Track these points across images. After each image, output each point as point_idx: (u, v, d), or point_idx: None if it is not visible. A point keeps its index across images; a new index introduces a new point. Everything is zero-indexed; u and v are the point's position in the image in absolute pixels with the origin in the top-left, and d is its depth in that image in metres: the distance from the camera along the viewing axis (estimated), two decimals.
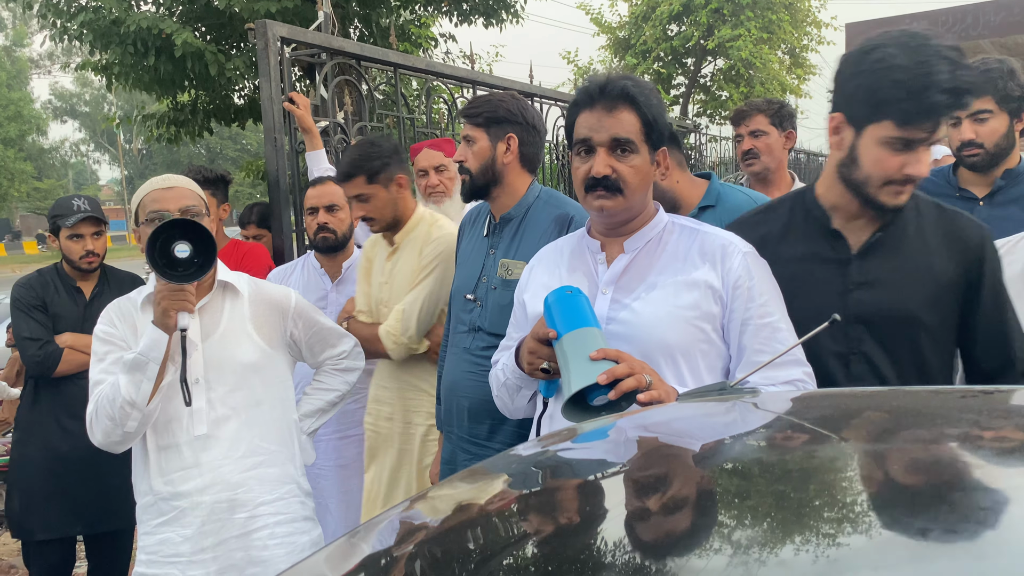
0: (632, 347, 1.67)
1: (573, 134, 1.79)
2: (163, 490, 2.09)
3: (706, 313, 1.69)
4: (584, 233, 1.91)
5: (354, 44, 3.98)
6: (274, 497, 2.18)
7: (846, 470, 0.88)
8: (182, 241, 1.92)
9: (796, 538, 0.70)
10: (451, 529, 0.93)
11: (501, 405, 2.02)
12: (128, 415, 2.00)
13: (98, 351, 2.12)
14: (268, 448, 2.19)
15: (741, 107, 3.48)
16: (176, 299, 1.98)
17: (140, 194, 2.15)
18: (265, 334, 2.24)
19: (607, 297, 1.76)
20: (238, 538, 2.12)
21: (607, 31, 19.09)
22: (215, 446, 2.11)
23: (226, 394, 2.13)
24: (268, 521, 2.16)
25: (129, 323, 2.13)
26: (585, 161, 1.75)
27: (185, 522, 2.08)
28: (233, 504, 2.12)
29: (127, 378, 1.99)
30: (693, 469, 0.96)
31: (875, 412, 1.10)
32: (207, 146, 43.44)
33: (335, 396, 2.51)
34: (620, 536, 0.79)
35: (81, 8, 6.70)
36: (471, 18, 8.49)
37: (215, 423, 2.11)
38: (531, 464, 1.11)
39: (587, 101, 1.74)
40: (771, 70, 17.33)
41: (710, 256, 1.73)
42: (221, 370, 2.12)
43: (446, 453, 2.51)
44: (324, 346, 2.45)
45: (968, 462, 0.87)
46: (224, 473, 2.11)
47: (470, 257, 2.50)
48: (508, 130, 2.38)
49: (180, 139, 8.09)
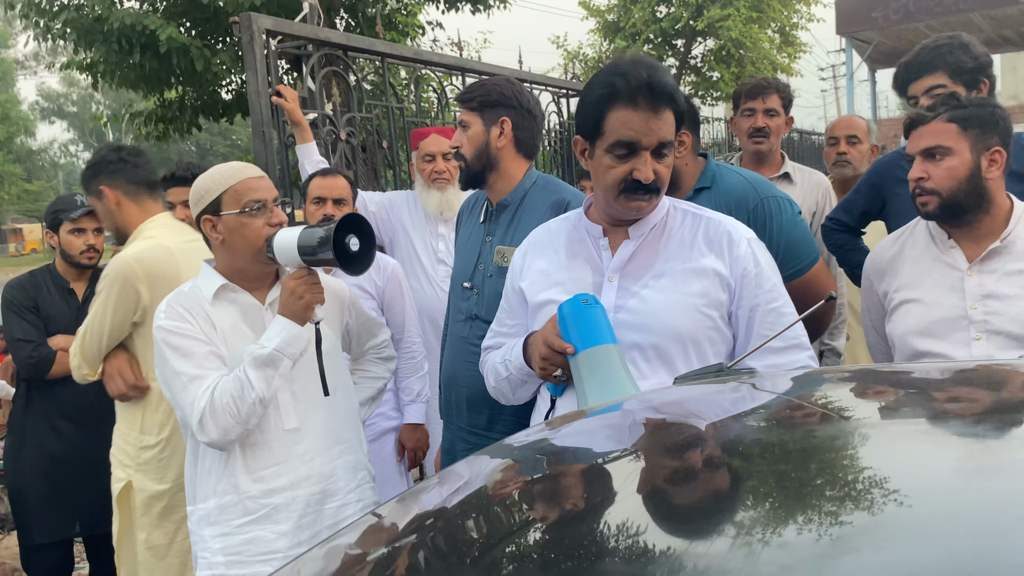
0: (642, 335, 1.68)
1: (604, 129, 1.67)
2: (251, 488, 2.03)
3: (715, 300, 1.70)
4: (580, 216, 1.88)
5: (340, 35, 3.95)
6: (356, 484, 2.19)
7: (845, 449, 0.87)
8: (353, 235, 1.94)
9: (795, 518, 0.70)
10: (456, 516, 0.92)
11: (499, 395, 2.01)
12: (255, 412, 1.95)
13: (180, 346, 1.99)
14: (346, 436, 2.20)
15: (760, 81, 3.39)
16: (317, 292, 1.99)
17: (225, 180, 2.03)
18: (332, 324, 2.24)
19: (614, 284, 1.75)
20: (330, 528, 2.11)
21: (596, 14, 19.00)
22: (304, 439, 2.09)
23: (308, 385, 2.10)
24: (355, 508, 2.17)
25: (203, 317, 2.04)
26: (623, 161, 1.66)
27: (279, 519, 2.04)
28: (325, 495, 2.11)
29: (258, 374, 1.94)
30: (692, 451, 0.95)
31: (873, 389, 1.10)
32: (197, 142, 43.22)
33: (382, 383, 2.53)
34: (622, 519, 0.78)
35: (63, 7, 6.66)
36: (458, 5, 8.45)
37: (303, 415, 2.09)
38: (533, 450, 1.10)
39: (629, 98, 1.63)
40: (762, 49, 17.27)
41: (716, 243, 1.73)
42: (300, 362, 2.08)
43: (446, 443, 2.51)
44: (369, 336, 2.47)
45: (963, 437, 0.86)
46: (316, 465, 2.09)
47: (467, 245, 2.48)
48: (502, 114, 2.35)
49: (169, 136, 8.05)
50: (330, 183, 3.11)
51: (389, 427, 3.27)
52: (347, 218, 1.95)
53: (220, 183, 2.04)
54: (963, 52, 2.56)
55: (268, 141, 3.49)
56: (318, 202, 3.11)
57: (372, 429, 3.22)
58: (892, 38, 16.95)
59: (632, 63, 1.65)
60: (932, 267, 2.08)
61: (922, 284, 2.08)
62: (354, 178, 3.97)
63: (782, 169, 3.39)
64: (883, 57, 19.01)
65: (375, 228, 3.64)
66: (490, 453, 1.13)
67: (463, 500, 0.96)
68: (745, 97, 3.35)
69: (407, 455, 3.29)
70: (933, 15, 15.04)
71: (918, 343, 2.03)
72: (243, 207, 2.01)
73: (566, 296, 1.77)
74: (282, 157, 3.66)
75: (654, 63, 1.66)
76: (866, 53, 17.65)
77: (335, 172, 3.19)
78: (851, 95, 18.39)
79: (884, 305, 2.21)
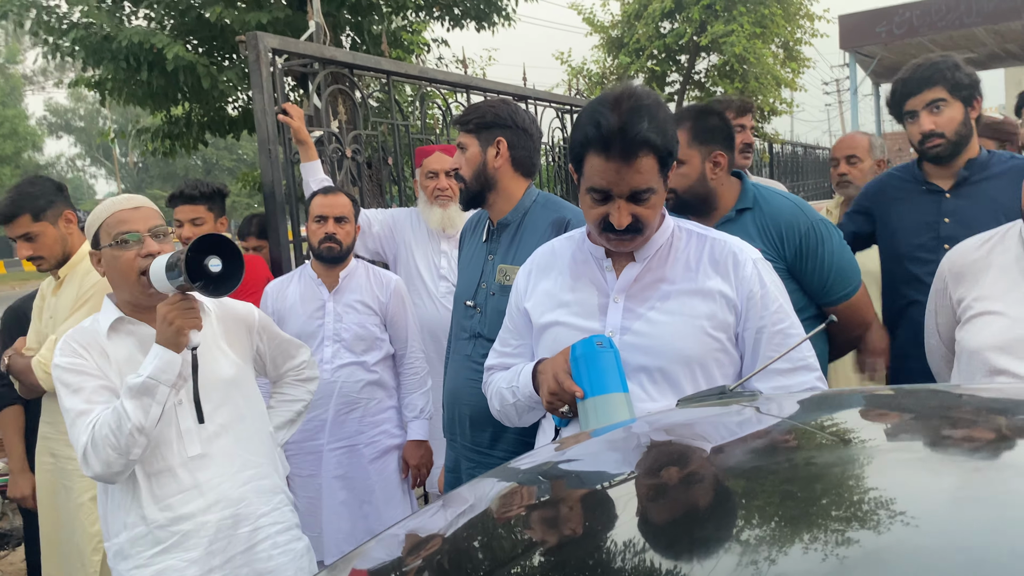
0: (649, 358, 1.68)
1: (583, 169, 1.67)
2: (159, 517, 2.03)
3: (722, 322, 1.70)
4: (584, 237, 1.88)
5: (346, 53, 3.97)
6: (270, 507, 2.18)
7: (846, 474, 0.87)
8: (214, 256, 1.90)
9: (795, 542, 0.70)
10: (464, 538, 0.92)
11: (503, 419, 1.99)
12: (135, 442, 1.93)
13: (70, 383, 2.00)
14: (257, 460, 2.19)
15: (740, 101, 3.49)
16: (189, 317, 1.94)
17: (100, 216, 2.08)
18: (237, 349, 2.24)
19: (619, 305, 1.74)
20: (244, 553, 2.11)
21: (600, 30, 19.07)
22: (211, 464, 2.08)
23: (213, 411, 2.10)
24: (270, 532, 2.16)
25: (98, 351, 2.05)
26: (599, 204, 1.66)
27: (189, 545, 2.04)
28: (237, 519, 2.10)
29: (134, 403, 1.92)
30: (693, 474, 0.95)
31: (876, 413, 1.10)
32: (203, 157, 43.44)
33: (300, 406, 2.50)
34: (623, 544, 0.78)
35: (73, 25, 6.71)
36: (463, 22, 8.50)
37: (207, 441, 2.08)
38: (538, 474, 1.11)
39: (602, 146, 1.60)
40: (765, 64, 17.30)
41: (722, 265, 1.73)
42: (204, 388, 2.09)
43: (449, 461, 2.51)
44: (285, 358, 2.45)
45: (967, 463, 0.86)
46: (225, 490, 2.09)
47: (470, 264, 2.49)
48: (497, 134, 2.38)
49: (175, 152, 8.09)
50: (331, 201, 3.13)
51: (392, 444, 3.27)
52: (206, 239, 1.91)
53: (96, 219, 2.09)
54: (958, 70, 2.60)
55: (274, 158, 3.51)
56: (319, 220, 3.12)
57: (375, 447, 3.22)
58: (896, 52, 16.97)
59: (613, 104, 1.60)
60: (1022, 279, 1.90)
61: (1008, 296, 1.89)
62: (359, 195, 4.00)
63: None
64: (887, 71, 19.01)
65: (379, 246, 3.66)
66: (495, 476, 1.13)
67: (469, 525, 0.97)
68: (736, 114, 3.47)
69: (411, 472, 3.28)
70: (937, 29, 15.06)
71: (996, 359, 1.83)
72: (112, 240, 2.04)
73: (572, 317, 1.77)
74: (288, 174, 3.67)
75: (636, 104, 1.60)
76: (870, 67, 17.67)
77: (336, 190, 3.21)
78: (855, 109, 18.39)
79: (956, 311, 2.04)
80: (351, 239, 3.18)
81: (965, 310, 1.99)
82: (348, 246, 3.17)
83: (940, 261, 2.13)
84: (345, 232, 3.15)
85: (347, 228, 3.15)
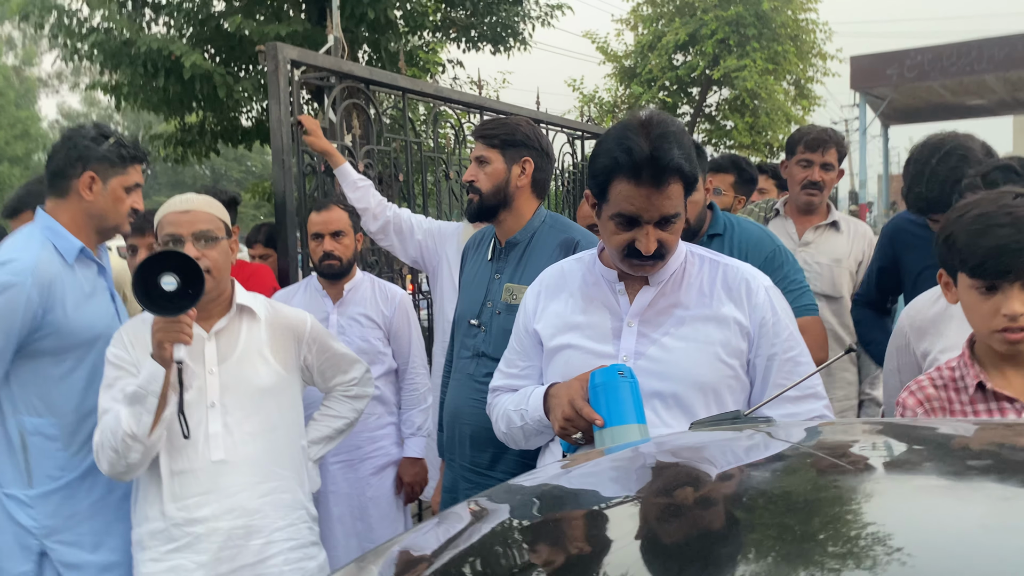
0: (663, 383, 1.68)
1: (608, 195, 1.64)
2: (176, 516, 2.04)
3: (735, 349, 1.70)
4: (595, 259, 1.86)
5: (363, 68, 4.00)
6: (287, 523, 2.16)
7: (857, 502, 0.86)
8: (168, 273, 1.88)
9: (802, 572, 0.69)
10: (457, 558, 0.91)
11: (509, 442, 1.97)
12: (130, 448, 1.96)
13: (108, 376, 2.06)
14: (282, 473, 2.17)
15: (821, 134, 3.27)
16: (171, 331, 1.93)
17: (159, 215, 2.13)
18: (281, 358, 2.22)
19: (633, 330, 1.73)
20: (252, 565, 2.09)
21: (613, 60, 19.25)
22: (232, 471, 2.07)
23: (243, 418, 2.10)
24: (282, 547, 2.14)
25: (142, 346, 2.06)
26: (625, 230, 1.64)
27: (199, 548, 2.04)
28: (249, 530, 2.08)
29: (128, 410, 1.95)
30: (703, 497, 0.94)
31: (890, 442, 1.09)
32: (212, 167, 43.63)
33: (343, 424, 2.48)
34: (628, 567, 0.77)
35: (92, 29, 6.78)
36: (479, 44, 8.58)
37: (232, 448, 2.08)
38: (534, 495, 1.09)
39: (632, 172, 1.58)
40: (776, 101, 17.44)
41: (735, 291, 1.73)
42: (237, 394, 2.10)
43: (447, 481, 2.48)
44: (336, 372, 2.43)
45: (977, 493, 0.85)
46: (241, 499, 2.08)
47: (473, 282, 2.48)
48: (524, 154, 2.39)
49: (187, 159, 8.14)
50: (325, 218, 3.08)
51: (390, 461, 3.23)
52: (160, 256, 1.90)
53: (157, 216, 2.14)
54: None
55: (287, 168, 3.52)
56: (316, 238, 3.09)
57: (373, 463, 3.18)
58: (906, 95, 17.09)
59: (641, 130, 1.59)
60: None
61: None
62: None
63: (829, 217, 3.33)
64: (896, 113, 19.14)
65: (419, 254, 3.42)
66: (491, 496, 1.12)
67: (471, 542, 0.95)
68: (804, 147, 3.25)
69: (405, 489, 3.25)
70: (948, 75, 15.18)
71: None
72: (161, 240, 2.09)
73: (584, 340, 1.76)
74: (300, 184, 3.68)
75: (664, 131, 1.60)
76: (880, 109, 17.78)
77: (330, 205, 3.15)
78: (863, 150, 18.49)
79: (923, 365, 2.07)
80: (351, 252, 3.14)
81: (932, 364, 2.01)
82: (349, 259, 3.13)
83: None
84: (344, 247, 3.10)
85: (346, 242, 3.11)
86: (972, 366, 1.61)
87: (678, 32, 17.51)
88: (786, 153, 3.38)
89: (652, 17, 18.59)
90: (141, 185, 2.40)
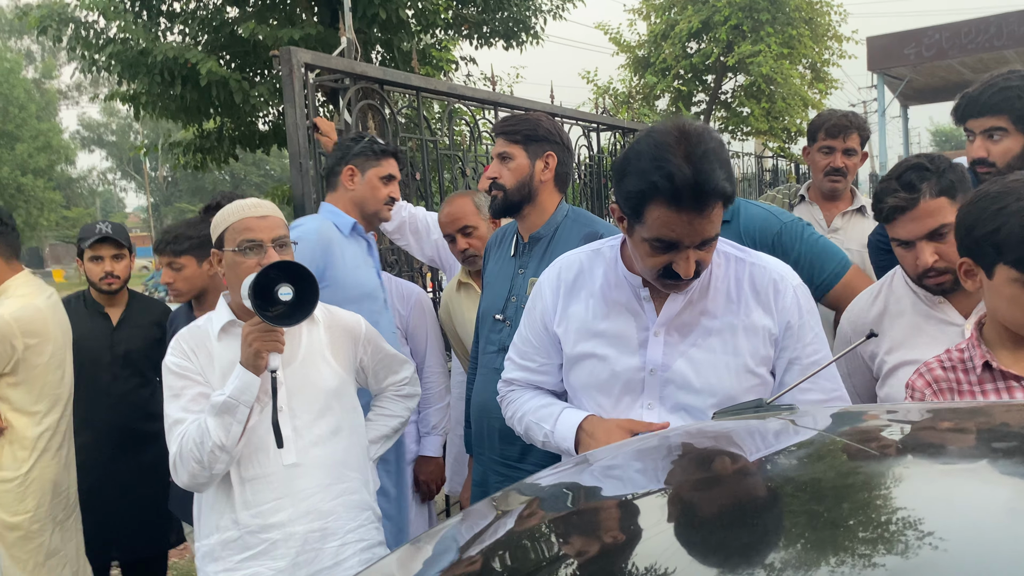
0: (690, 396, 1.66)
1: (644, 218, 1.53)
2: (251, 523, 2.03)
3: (763, 357, 1.68)
4: (617, 261, 1.79)
5: (377, 68, 4.01)
6: (357, 524, 2.16)
7: (886, 487, 0.86)
8: (286, 284, 1.88)
9: (831, 558, 0.69)
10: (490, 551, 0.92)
11: (524, 439, 1.98)
12: (217, 459, 1.94)
13: (173, 386, 2.04)
14: (350, 475, 2.16)
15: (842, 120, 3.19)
16: (269, 340, 1.93)
17: (228, 218, 2.08)
18: (341, 360, 2.23)
19: (660, 340, 1.70)
20: (330, 568, 2.07)
21: (626, 50, 19.14)
22: (305, 475, 2.06)
23: (311, 421, 2.09)
24: (355, 548, 2.13)
25: (204, 353, 2.07)
26: (662, 253, 1.56)
27: (277, 555, 2.02)
28: (325, 533, 2.08)
29: (216, 421, 1.93)
30: (731, 486, 0.94)
31: (913, 428, 1.08)
32: (231, 172, 43.98)
33: (398, 422, 2.49)
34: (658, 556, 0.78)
35: (109, 40, 6.86)
36: (491, 40, 8.58)
37: (303, 451, 2.07)
38: (565, 486, 1.10)
39: (673, 198, 1.47)
40: (792, 85, 17.26)
41: (763, 294, 1.69)
42: (304, 397, 2.09)
43: (477, 475, 2.50)
44: (388, 372, 2.44)
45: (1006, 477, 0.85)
46: (315, 502, 2.07)
47: (497, 277, 2.49)
48: (547, 148, 2.40)
49: (206, 166, 8.22)
50: None
51: (408, 459, 3.23)
52: (277, 266, 1.89)
53: (225, 220, 2.09)
54: None
55: (305, 172, 3.54)
56: None
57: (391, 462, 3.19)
58: (925, 74, 16.86)
59: (679, 149, 1.47)
60: (925, 324, 1.94)
61: (917, 343, 1.92)
62: None
63: (855, 203, 3.28)
64: (915, 93, 18.90)
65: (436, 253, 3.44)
66: (519, 489, 1.13)
67: (498, 538, 0.96)
68: (825, 134, 3.19)
69: (421, 487, 3.25)
70: (966, 52, 14.95)
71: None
72: (237, 245, 2.05)
73: (608, 349, 1.73)
74: (318, 187, 3.71)
75: (705, 149, 1.47)
76: (898, 89, 17.56)
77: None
78: (883, 131, 18.27)
79: (872, 367, 2.06)
80: None
81: (880, 365, 2.01)
82: None
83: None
84: None
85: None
86: (979, 346, 1.60)
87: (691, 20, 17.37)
88: (808, 139, 3.32)
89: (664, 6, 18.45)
90: (396, 178, 2.88)
